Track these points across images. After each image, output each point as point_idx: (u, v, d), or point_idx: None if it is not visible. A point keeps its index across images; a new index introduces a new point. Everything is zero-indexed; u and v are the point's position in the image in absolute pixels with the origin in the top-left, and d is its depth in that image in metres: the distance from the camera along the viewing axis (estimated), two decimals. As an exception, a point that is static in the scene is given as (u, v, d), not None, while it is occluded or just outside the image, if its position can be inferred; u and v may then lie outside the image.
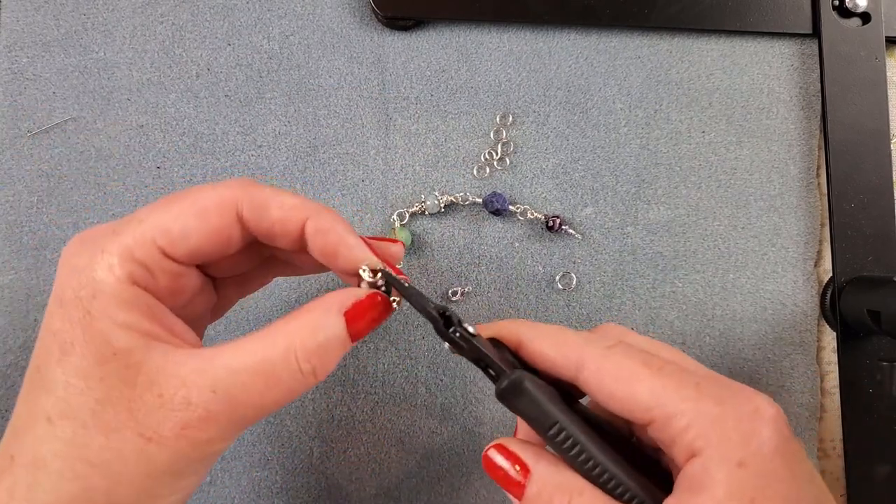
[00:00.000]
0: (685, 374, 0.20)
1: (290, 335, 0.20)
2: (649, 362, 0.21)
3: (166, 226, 0.21)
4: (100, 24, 0.36)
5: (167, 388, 0.19)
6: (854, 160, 0.37)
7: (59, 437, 0.19)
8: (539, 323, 0.24)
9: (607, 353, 0.21)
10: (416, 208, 0.36)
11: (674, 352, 0.23)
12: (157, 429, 0.19)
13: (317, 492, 0.34)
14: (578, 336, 0.23)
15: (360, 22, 0.38)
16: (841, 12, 0.38)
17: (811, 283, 0.38)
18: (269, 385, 0.20)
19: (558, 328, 0.23)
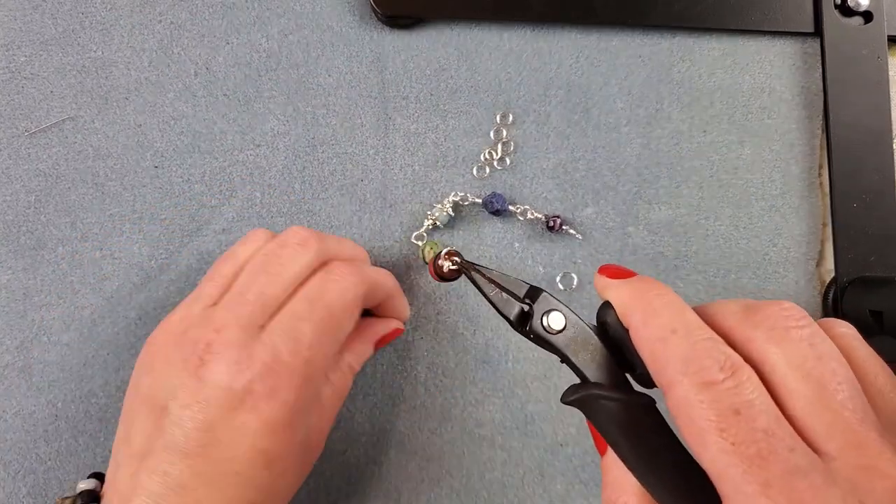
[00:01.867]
0: (761, 463, 0.17)
1: (350, 361, 0.30)
2: (728, 429, 0.17)
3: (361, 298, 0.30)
4: (97, 22, 0.36)
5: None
6: (856, 159, 0.37)
7: None
8: (668, 303, 0.21)
9: (691, 394, 0.18)
10: (429, 223, 0.35)
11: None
12: (322, 427, 0.29)
13: (316, 492, 0.34)
14: (689, 346, 0.19)
15: (359, 21, 0.37)
16: (843, 11, 0.38)
17: (813, 283, 0.37)
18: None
19: (677, 319, 0.20)
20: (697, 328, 0.20)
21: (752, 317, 0.20)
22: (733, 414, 0.17)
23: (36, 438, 0.33)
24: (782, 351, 0.19)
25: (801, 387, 0.18)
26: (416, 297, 0.36)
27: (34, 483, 0.33)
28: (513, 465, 0.35)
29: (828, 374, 0.18)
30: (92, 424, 0.34)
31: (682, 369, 0.19)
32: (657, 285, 0.21)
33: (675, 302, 0.21)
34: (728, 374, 0.18)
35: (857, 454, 0.17)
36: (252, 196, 0.36)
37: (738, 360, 0.19)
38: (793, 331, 0.19)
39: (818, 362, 0.18)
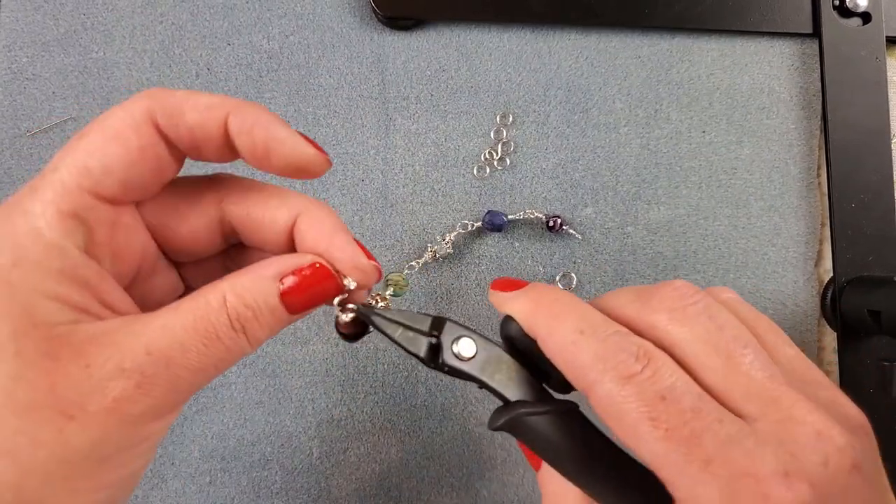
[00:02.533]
0: (696, 442, 0.17)
1: (224, 292, 0.19)
2: (658, 416, 0.18)
3: (84, 164, 0.18)
4: (99, 23, 0.36)
5: (97, 356, 0.17)
6: (854, 160, 0.37)
7: None
8: (567, 305, 0.21)
9: (614, 391, 0.18)
10: (429, 255, 0.35)
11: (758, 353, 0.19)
12: (82, 404, 0.17)
13: (317, 492, 0.34)
14: (599, 343, 0.19)
15: (360, 22, 0.38)
16: (841, 12, 0.38)
17: (812, 283, 0.38)
18: (207, 343, 0.18)
19: (581, 320, 0.20)
20: (603, 324, 0.20)
21: (649, 302, 0.20)
22: (660, 400, 0.18)
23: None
24: (686, 329, 0.19)
25: (712, 360, 0.19)
26: (417, 296, 0.36)
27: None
28: (513, 463, 0.35)
29: (732, 342, 0.19)
30: (94, 423, 0.34)
31: (599, 368, 0.19)
32: (553, 290, 0.22)
33: (575, 303, 0.21)
34: (644, 362, 0.18)
35: (774, 409, 0.18)
36: (253, 196, 0.36)
37: (651, 347, 0.19)
38: (689, 308, 0.20)
39: (720, 333, 0.19)
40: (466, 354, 0.21)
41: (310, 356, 0.35)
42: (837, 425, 0.18)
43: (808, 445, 0.17)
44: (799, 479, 0.17)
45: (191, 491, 0.34)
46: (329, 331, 0.35)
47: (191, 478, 0.34)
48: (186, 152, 0.21)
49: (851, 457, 0.17)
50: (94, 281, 0.18)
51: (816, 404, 0.18)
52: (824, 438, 0.17)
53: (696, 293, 0.20)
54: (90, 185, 0.18)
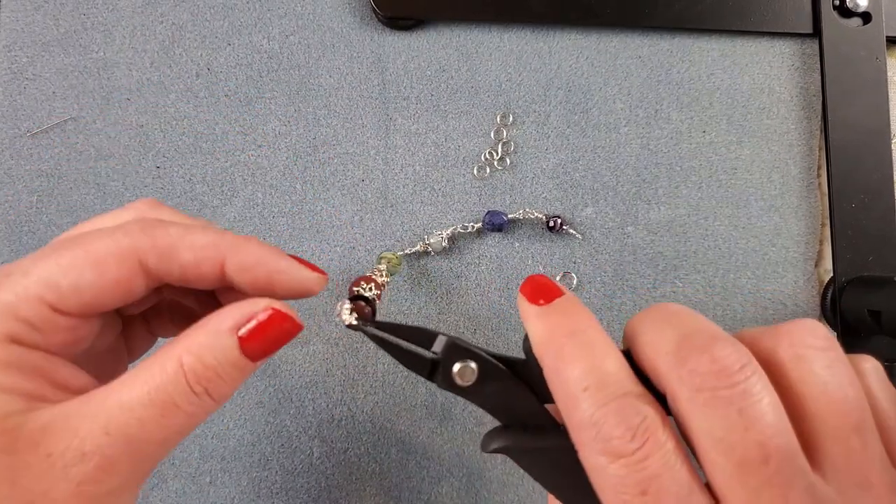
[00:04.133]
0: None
1: (180, 357, 0.18)
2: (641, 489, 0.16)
3: (54, 279, 0.18)
4: (99, 23, 0.36)
5: (56, 444, 0.17)
6: (855, 160, 0.37)
7: None
8: (581, 349, 0.19)
9: (600, 464, 0.17)
10: (420, 247, 0.35)
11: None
12: (47, 492, 0.16)
13: (317, 492, 0.34)
14: (599, 408, 0.17)
15: (360, 22, 0.38)
16: (841, 12, 0.38)
17: (812, 283, 0.38)
18: (165, 414, 0.18)
19: (591, 372, 0.18)
20: (612, 383, 0.18)
21: (680, 366, 0.17)
22: (639, 493, 0.16)
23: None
24: (706, 417, 0.17)
25: (722, 460, 0.16)
26: (418, 296, 0.36)
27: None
28: (512, 463, 0.35)
29: (753, 448, 0.16)
30: (94, 423, 0.34)
31: (591, 434, 0.17)
32: (575, 317, 0.19)
33: (592, 344, 0.18)
34: (639, 444, 0.17)
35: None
36: (254, 196, 0.36)
37: (655, 424, 0.17)
38: (722, 392, 0.17)
39: (745, 434, 0.16)
40: (468, 377, 0.21)
41: (310, 356, 0.35)
42: None
43: None
44: None
45: (191, 491, 0.34)
46: (329, 331, 0.35)
47: (191, 478, 0.34)
48: (172, 283, 0.20)
49: None
50: (43, 365, 0.18)
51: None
52: None
53: (741, 370, 0.17)
54: (53, 300, 0.18)
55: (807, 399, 0.17)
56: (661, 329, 0.18)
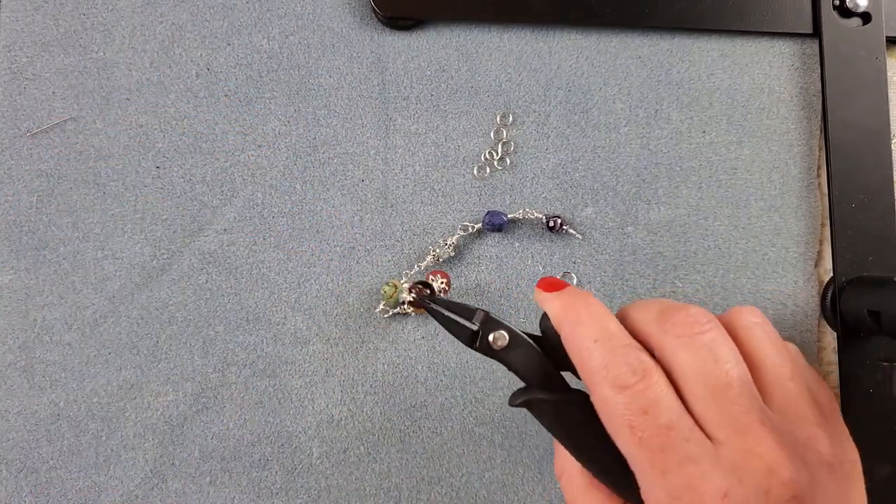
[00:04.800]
0: (661, 453, 0.21)
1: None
2: (637, 425, 0.21)
3: None
4: (99, 23, 0.36)
5: None
6: (854, 160, 0.37)
7: None
8: (591, 314, 0.24)
9: (609, 396, 0.22)
10: (430, 258, 0.35)
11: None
12: None
13: (317, 492, 0.34)
14: (607, 354, 0.23)
15: (360, 22, 0.38)
16: (841, 12, 0.38)
17: (811, 283, 0.38)
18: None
19: (599, 329, 0.24)
20: (616, 336, 0.23)
21: (663, 324, 0.23)
22: (642, 413, 0.21)
23: (38, 438, 0.34)
24: (686, 355, 0.22)
25: (699, 388, 0.22)
26: (417, 296, 0.36)
27: (36, 482, 0.33)
28: (512, 464, 0.35)
29: (721, 375, 0.22)
30: (94, 424, 0.34)
31: (602, 374, 0.22)
32: (584, 297, 0.25)
33: (599, 312, 0.24)
34: (639, 377, 0.22)
35: (740, 440, 0.21)
36: (253, 196, 0.36)
37: (650, 365, 0.22)
38: (697, 337, 0.22)
39: (715, 365, 0.22)
40: (500, 343, 0.26)
41: (310, 356, 0.35)
42: (792, 462, 0.20)
43: (757, 475, 0.20)
44: (735, 502, 0.20)
45: (191, 491, 0.34)
46: (329, 331, 0.35)
47: (191, 478, 0.34)
48: None
49: (794, 490, 0.20)
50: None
51: (782, 442, 0.21)
52: (773, 472, 0.20)
53: (707, 322, 0.23)
54: None
55: (755, 355, 0.23)
56: (647, 305, 0.25)
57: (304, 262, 0.36)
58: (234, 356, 0.35)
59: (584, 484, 0.25)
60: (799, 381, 0.23)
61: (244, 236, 0.36)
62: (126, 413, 0.34)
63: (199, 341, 0.35)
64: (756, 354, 0.23)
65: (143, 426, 0.34)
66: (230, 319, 0.35)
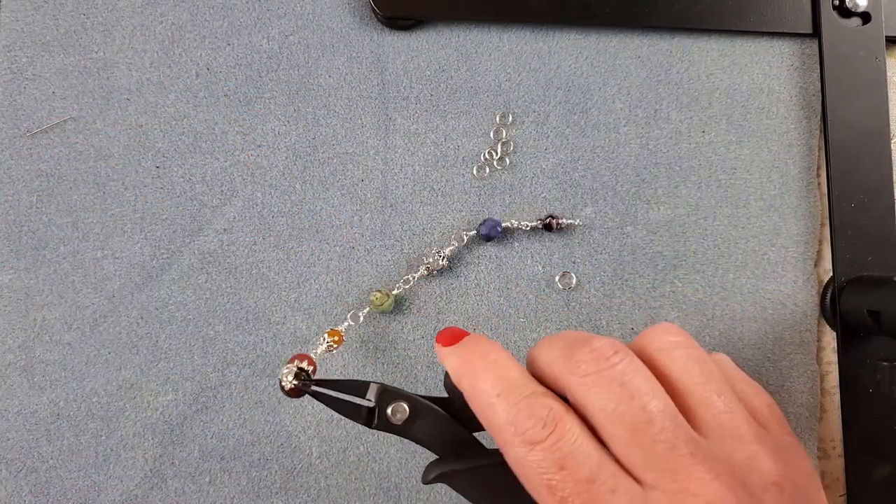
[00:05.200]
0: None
1: None
2: (556, 485, 0.19)
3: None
4: (99, 23, 0.36)
5: None
6: (854, 160, 0.37)
7: None
8: (490, 365, 0.22)
9: (521, 455, 0.20)
10: (424, 269, 0.35)
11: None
12: None
13: (316, 492, 0.34)
14: (511, 408, 0.21)
15: (359, 22, 0.38)
16: (841, 12, 0.38)
17: (811, 282, 0.38)
18: None
19: (500, 382, 0.22)
20: (519, 386, 0.21)
21: (568, 362, 0.21)
22: (559, 469, 0.19)
23: (38, 437, 0.34)
24: (597, 395, 0.20)
25: (616, 429, 0.20)
26: (417, 296, 0.36)
27: (36, 482, 0.33)
28: (512, 463, 0.35)
29: (638, 412, 0.20)
30: (94, 423, 0.34)
31: (510, 431, 0.20)
32: (481, 346, 0.23)
33: (498, 361, 0.22)
34: (550, 429, 0.20)
35: (670, 480, 0.19)
36: (253, 196, 0.36)
37: (559, 413, 0.20)
38: (604, 373, 0.20)
39: (630, 403, 0.20)
40: (401, 416, 0.24)
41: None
42: (732, 494, 0.18)
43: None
44: None
45: (191, 491, 0.34)
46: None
47: (191, 478, 0.34)
48: None
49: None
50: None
51: (717, 472, 0.19)
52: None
53: (615, 355, 0.21)
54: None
55: (674, 378, 0.21)
56: (551, 344, 0.22)
57: (304, 262, 0.36)
58: (234, 356, 0.35)
59: None
60: (728, 397, 0.21)
61: (244, 236, 0.36)
62: (126, 413, 0.34)
63: (199, 341, 0.35)
64: (675, 377, 0.21)
65: (143, 426, 0.34)
66: (230, 319, 0.35)
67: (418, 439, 0.24)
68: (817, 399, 0.37)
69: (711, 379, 0.21)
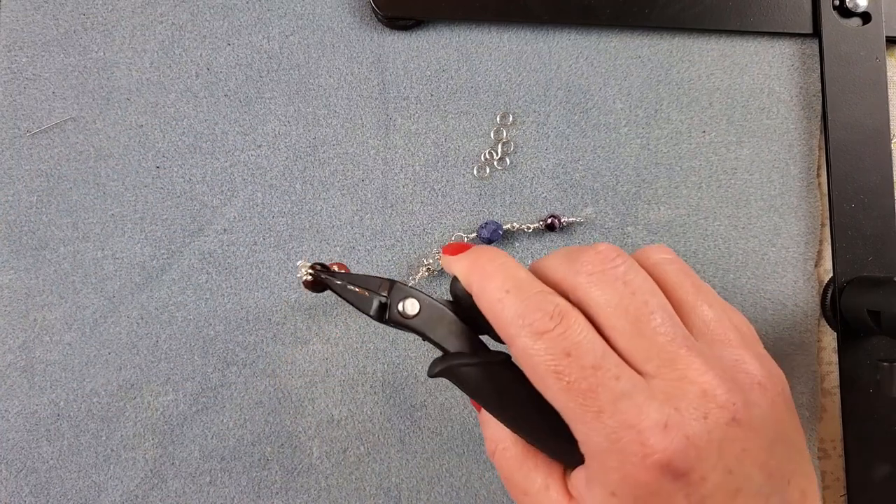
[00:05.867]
0: (592, 395, 0.20)
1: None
2: (562, 370, 0.20)
3: None
4: (99, 23, 0.36)
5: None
6: (854, 160, 0.37)
7: None
8: (499, 266, 0.23)
9: (528, 345, 0.21)
10: (424, 270, 0.35)
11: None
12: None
13: (317, 492, 0.34)
14: (521, 302, 0.21)
15: (360, 22, 0.38)
16: (841, 12, 0.38)
17: (811, 283, 0.38)
18: None
19: (509, 279, 0.22)
20: (527, 284, 0.22)
21: (573, 265, 0.22)
22: (565, 356, 0.20)
23: (38, 438, 0.34)
24: (601, 292, 0.21)
25: (620, 322, 0.21)
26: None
27: (36, 482, 0.33)
28: (513, 463, 0.35)
29: (641, 306, 0.21)
30: (94, 423, 0.34)
31: (518, 324, 0.21)
32: (490, 251, 0.24)
33: (507, 263, 0.23)
34: (557, 321, 0.21)
35: (670, 369, 0.20)
36: (253, 196, 0.36)
37: (566, 307, 0.21)
38: (608, 272, 0.22)
39: (632, 298, 0.21)
40: (411, 312, 0.24)
41: (310, 356, 0.35)
42: (724, 384, 0.20)
43: (693, 401, 0.20)
44: (676, 430, 0.19)
45: (191, 491, 0.34)
46: (329, 331, 0.35)
47: (191, 478, 0.34)
48: None
49: (731, 411, 0.20)
50: None
51: (711, 365, 0.20)
52: (708, 396, 0.20)
53: (618, 257, 0.22)
54: None
55: (669, 288, 0.23)
56: (555, 254, 0.24)
57: (304, 262, 0.36)
58: (234, 356, 0.35)
59: (520, 455, 0.24)
60: (717, 307, 0.23)
61: (244, 236, 0.36)
62: (126, 413, 0.34)
63: (199, 341, 0.35)
64: (670, 287, 0.23)
65: (143, 426, 0.34)
66: (230, 319, 0.35)
67: (425, 335, 0.24)
68: (818, 399, 0.37)
69: (702, 290, 0.23)
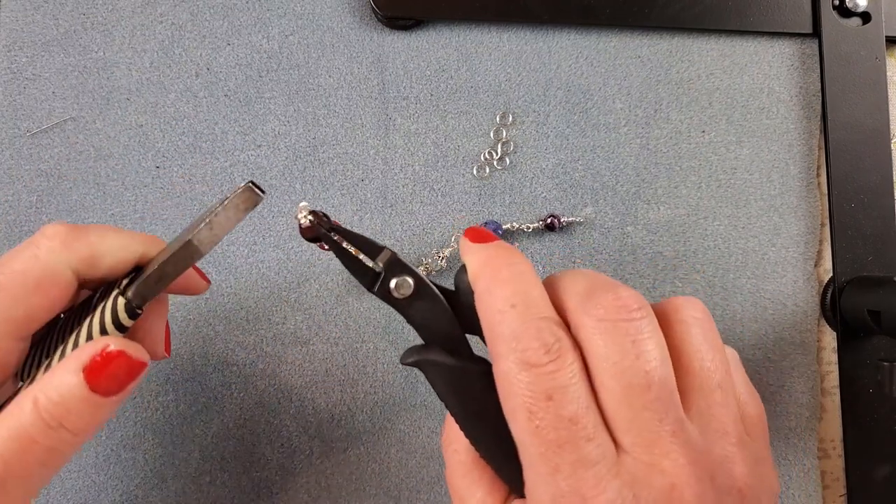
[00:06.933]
0: (556, 449, 0.18)
1: (35, 395, 0.20)
2: (536, 411, 0.19)
3: (11, 315, 0.21)
4: (99, 23, 0.36)
5: None
6: (854, 160, 0.37)
7: None
8: (514, 274, 0.21)
9: (512, 372, 0.19)
10: (422, 269, 0.35)
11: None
12: None
13: (317, 492, 0.34)
14: (521, 324, 0.20)
15: (359, 22, 0.38)
16: (841, 12, 0.38)
17: (811, 283, 0.38)
18: (24, 449, 0.19)
19: (520, 294, 0.20)
20: (536, 306, 0.20)
21: (587, 302, 0.20)
22: (545, 398, 0.19)
23: (38, 437, 0.34)
24: (604, 344, 0.19)
25: (613, 383, 0.19)
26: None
27: (36, 482, 0.33)
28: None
29: (640, 374, 0.19)
30: (94, 423, 0.34)
31: (511, 346, 0.19)
32: (512, 254, 0.22)
33: (524, 274, 0.21)
34: (552, 357, 0.19)
35: (645, 451, 0.19)
36: (253, 196, 0.36)
37: (566, 345, 0.19)
38: (621, 325, 0.19)
39: (634, 361, 0.19)
40: (404, 291, 0.22)
41: (310, 356, 0.35)
42: (698, 484, 0.18)
43: (656, 494, 0.18)
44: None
45: (191, 491, 0.34)
46: (329, 331, 0.35)
47: (191, 478, 0.34)
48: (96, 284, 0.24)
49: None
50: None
51: (691, 458, 0.18)
52: (675, 492, 0.18)
53: (638, 310, 0.20)
54: (12, 329, 0.21)
55: (685, 354, 0.20)
56: (576, 278, 0.21)
57: (304, 262, 0.36)
58: (234, 356, 0.35)
59: (469, 463, 0.23)
60: (727, 391, 0.20)
61: (244, 235, 0.36)
62: (126, 413, 0.34)
63: (199, 341, 0.35)
64: (686, 354, 0.20)
65: (143, 426, 0.34)
66: (230, 319, 0.35)
67: (412, 319, 0.23)
68: (817, 399, 0.37)
69: (718, 369, 0.21)
